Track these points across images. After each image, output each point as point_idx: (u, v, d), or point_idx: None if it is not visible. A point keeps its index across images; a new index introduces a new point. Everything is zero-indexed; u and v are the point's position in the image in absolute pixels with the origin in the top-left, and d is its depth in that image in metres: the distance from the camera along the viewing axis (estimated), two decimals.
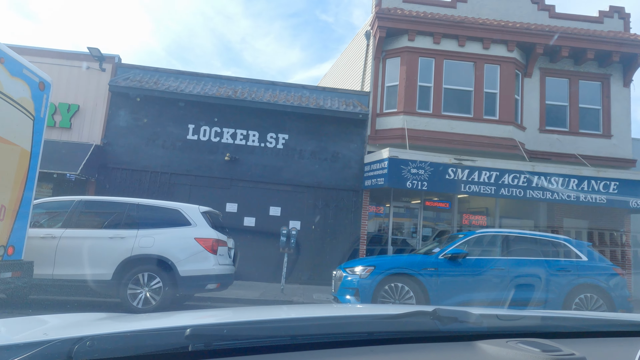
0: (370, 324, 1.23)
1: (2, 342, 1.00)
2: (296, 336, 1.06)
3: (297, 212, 11.74)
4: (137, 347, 0.93)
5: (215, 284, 6.90)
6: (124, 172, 11.36)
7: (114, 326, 1.32)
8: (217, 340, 0.97)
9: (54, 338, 0.94)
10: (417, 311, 1.28)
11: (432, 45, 12.08)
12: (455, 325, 1.20)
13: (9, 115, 4.89)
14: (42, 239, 6.44)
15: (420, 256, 7.27)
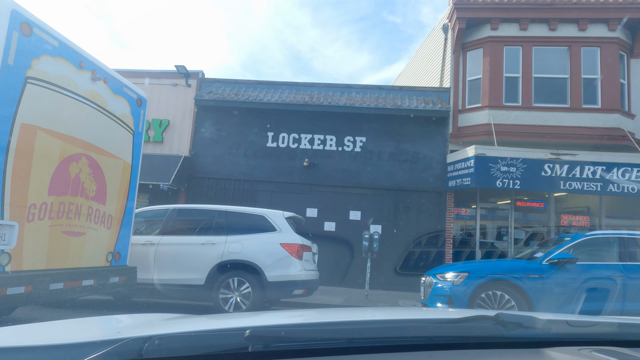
0: (429, 328, 1.19)
1: (80, 339, 1.06)
2: (353, 339, 1.06)
3: (377, 215, 11.45)
4: (201, 347, 0.97)
5: (302, 289, 6.86)
6: (210, 180, 11.91)
7: (180, 326, 1.36)
8: (275, 341, 0.98)
9: (127, 337, 0.99)
10: (478, 315, 1.24)
11: (519, 33, 11.16)
12: (521, 331, 1.14)
13: (113, 131, 5.26)
14: (143, 245, 6.88)
15: (521, 261, 6.62)
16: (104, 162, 5.13)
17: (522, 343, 1.14)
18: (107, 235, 5.27)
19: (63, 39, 4.41)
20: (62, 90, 4.40)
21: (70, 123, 4.53)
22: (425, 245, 11.21)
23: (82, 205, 4.79)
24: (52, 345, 1.03)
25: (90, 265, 4.91)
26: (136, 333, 1.08)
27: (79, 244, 4.77)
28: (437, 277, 6.70)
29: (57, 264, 4.39)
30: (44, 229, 4.24)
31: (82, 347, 0.98)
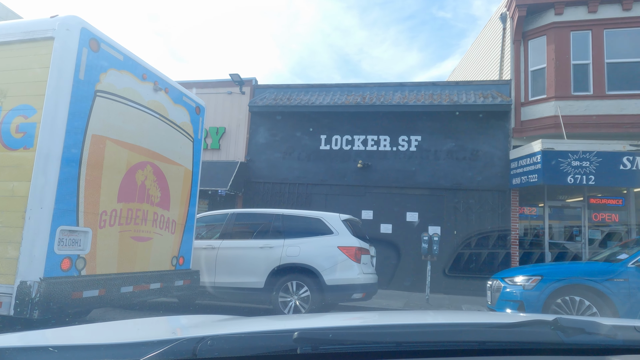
0: (482, 333, 1.15)
1: (138, 339, 1.11)
2: (402, 343, 1.04)
3: (435, 216, 11.04)
4: (251, 348, 0.99)
5: (361, 293, 6.72)
6: (266, 185, 12.09)
7: (232, 327, 1.39)
8: (322, 344, 0.99)
9: (181, 337, 1.04)
10: (535, 320, 1.19)
11: (587, 16, 10.32)
12: (583, 337, 1.08)
13: (174, 139, 5.44)
14: (204, 249, 7.06)
15: (601, 264, 6.04)
16: (167, 170, 5.32)
17: (584, 350, 1.08)
18: (171, 240, 5.45)
19: (127, 53, 4.62)
20: (128, 102, 4.60)
21: (135, 132, 4.73)
22: (489, 247, 10.64)
23: (148, 211, 4.98)
24: (113, 344, 1.09)
25: (156, 269, 5.09)
26: (190, 333, 1.14)
27: (146, 249, 4.96)
28: (505, 281, 6.28)
29: (126, 268, 4.59)
30: (115, 235, 4.44)
31: (140, 347, 1.02)
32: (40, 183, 3.68)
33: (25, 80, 3.93)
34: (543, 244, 10.77)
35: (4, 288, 3.56)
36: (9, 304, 3.50)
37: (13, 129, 3.87)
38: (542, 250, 10.67)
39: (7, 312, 3.50)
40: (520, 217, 10.90)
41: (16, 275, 3.55)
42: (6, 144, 3.87)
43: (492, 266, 10.21)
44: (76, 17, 4.00)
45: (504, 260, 10.30)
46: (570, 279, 5.73)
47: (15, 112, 3.89)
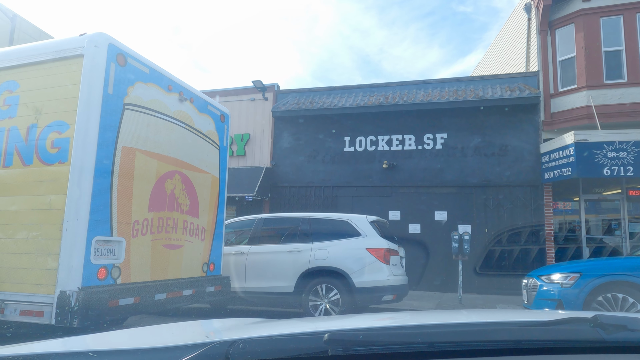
0: (517, 332, 1.12)
1: (173, 343, 1.13)
2: (434, 343, 1.03)
3: (465, 214, 10.81)
4: (282, 350, 1.00)
5: (392, 295, 6.64)
6: (292, 189, 12.14)
7: (263, 330, 1.40)
8: (353, 345, 0.99)
9: (214, 340, 1.06)
10: (573, 317, 1.17)
11: (617, 0, 9.90)
12: (625, 334, 1.04)
13: (201, 147, 5.54)
14: (234, 255, 7.15)
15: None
16: (195, 178, 5.41)
17: (626, 348, 1.05)
18: (201, 247, 5.54)
19: (153, 65, 4.73)
20: (155, 113, 4.71)
21: (163, 143, 4.83)
22: (522, 244, 10.33)
23: (178, 219, 5.07)
24: (149, 348, 1.12)
25: (188, 276, 5.18)
26: (223, 337, 1.17)
27: (178, 256, 5.05)
28: (541, 279, 6.07)
29: (160, 275, 4.69)
30: (147, 243, 4.55)
31: (175, 350, 1.05)
32: (75, 196, 3.81)
33: (58, 97, 4.09)
34: (580, 239, 10.37)
35: (45, 298, 3.70)
36: (50, 314, 3.63)
37: (48, 144, 4.02)
38: (579, 246, 10.27)
39: (49, 321, 3.64)
40: (555, 212, 10.54)
41: (56, 286, 3.69)
42: (42, 159, 4.02)
43: (526, 264, 9.90)
44: (103, 33, 4.13)
45: (538, 257, 9.97)
46: (611, 275, 5.48)
47: (50, 128, 4.04)
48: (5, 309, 3.80)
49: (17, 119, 4.21)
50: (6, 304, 3.81)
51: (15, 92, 4.28)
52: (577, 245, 10.37)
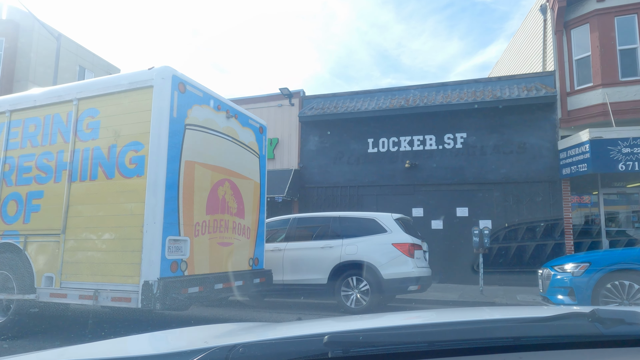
0: (516, 329, 1.12)
1: (172, 349, 1.16)
2: (434, 342, 1.03)
3: (485, 210, 11.32)
4: (282, 354, 0.99)
5: (416, 285, 7.29)
6: (319, 189, 12.89)
7: (263, 334, 1.41)
8: (353, 346, 0.99)
9: (213, 345, 1.05)
10: (571, 312, 1.18)
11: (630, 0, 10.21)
12: (623, 328, 1.05)
13: (245, 157, 6.33)
14: (272, 251, 7.93)
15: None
16: (241, 184, 6.21)
17: (625, 342, 1.05)
18: (247, 244, 6.33)
19: (205, 89, 5.53)
20: (208, 130, 5.52)
21: (215, 155, 5.63)
22: (541, 238, 10.77)
23: (229, 220, 5.88)
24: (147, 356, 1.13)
25: (238, 270, 5.97)
26: (222, 342, 1.14)
27: (229, 252, 5.86)
28: (555, 269, 6.61)
29: (216, 268, 5.50)
30: (206, 242, 5.36)
31: (174, 357, 1.06)
32: (152, 203, 4.64)
33: (133, 121, 4.93)
34: (599, 232, 10.74)
35: (132, 287, 4.54)
36: (137, 299, 4.47)
37: (127, 161, 4.87)
38: (599, 239, 10.64)
39: (136, 305, 4.47)
40: (574, 206, 10.93)
41: (140, 277, 4.52)
42: (123, 173, 4.87)
43: (545, 256, 10.35)
44: (168, 67, 4.95)
45: (558, 250, 10.41)
46: (618, 264, 5.99)
47: (128, 147, 4.89)
48: (98, 297, 4.67)
49: (99, 140, 5.07)
50: (99, 292, 4.68)
51: (96, 118, 5.15)
52: (597, 238, 10.74)
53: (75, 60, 22.23)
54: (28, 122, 5.56)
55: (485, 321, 1.40)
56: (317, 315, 6.97)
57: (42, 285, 5.04)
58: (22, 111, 5.64)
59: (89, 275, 4.82)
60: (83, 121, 5.20)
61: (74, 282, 4.88)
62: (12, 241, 5.34)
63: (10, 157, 5.60)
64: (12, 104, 5.76)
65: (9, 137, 5.65)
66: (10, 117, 5.68)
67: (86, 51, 23.57)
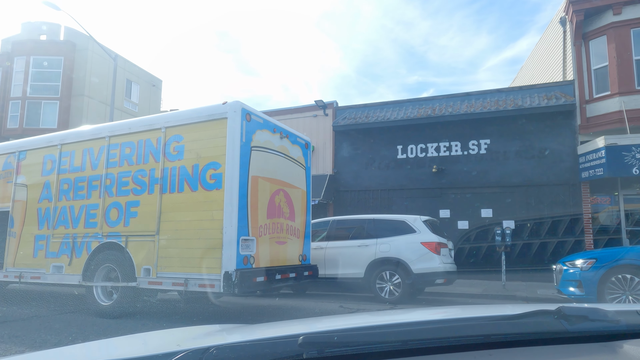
0: (486, 326, 1.16)
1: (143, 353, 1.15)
2: (407, 341, 1.04)
3: (509, 211, 12.15)
4: (257, 356, 0.99)
5: (443, 279, 8.32)
6: (352, 193, 14.02)
7: (237, 336, 1.42)
8: (328, 347, 0.99)
9: (186, 348, 1.04)
10: (538, 310, 1.21)
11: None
12: (587, 324, 1.09)
13: (294, 170, 7.54)
14: (315, 249, 9.12)
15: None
16: (292, 192, 7.42)
17: (589, 337, 1.09)
18: (297, 243, 7.54)
19: (264, 117, 6.77)
20: (267, 150, 6.75)
21: (272, 170, 6.86)
22: (561, 236, 11.53)
23: (283, 223, 7.10)
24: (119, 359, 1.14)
25: (291, 264, 7.19)
26: (195, 344, 1.13)
27: (284, 249, 7.08)
28: (566, 265, 7.51)
29: (275, 263, 6.72)
30: (267, 241, 6.59)
31: None
32: (229, 210, 5.90)
33: (211, 145, 6.20)
34: (619, 231, 11.40)
35: (215, 276, 5.81)
36: (220, 286, 5.72)
37: (208, 177, 6.15)
38: (617, 237, 11.31)
39: (219, 290, 5.73)
40: (595, 207, 11.63)
41: (221, 268, 5.78)
42: (204, 187, 6.16)
43: (565, 254, 11.10)
44: (239, 102, 6.20)
45: (577, 248, 11.15)
46: (621, 260, 6.85)
47: (208, 167, 6.17)
48: (188, 284, 5.96)
49: (184, 160, 6.39)
50: (188, 280, 5.98)
51: (181, 142, 6.47)
52: (616, 237, 11.41)
53: (124, 75, 24.17)
54: (124, 145, 6.96)
55: (457, 319, 1.45)
56: (356, 305, 8.10)
57: (141, 275, 6.40)
58: (119, 136, 7.05)
59: (179, 267, 6.14)
60: (170, 145, 6.54)
61: (167, 272, 6.21)
62: (116, 240, 6.73)
63: (111, 174, 7.01)
64: (110, 130, 7.18)
65: (108, 157, 7.07)
66: (109, 141, 7.10)
67: (132, 65, 25.53)
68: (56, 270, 7.23)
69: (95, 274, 6.78)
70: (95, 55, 22.53)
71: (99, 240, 6.87)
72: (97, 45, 17.56)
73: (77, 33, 22.78)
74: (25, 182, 8.00)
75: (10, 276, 7.80)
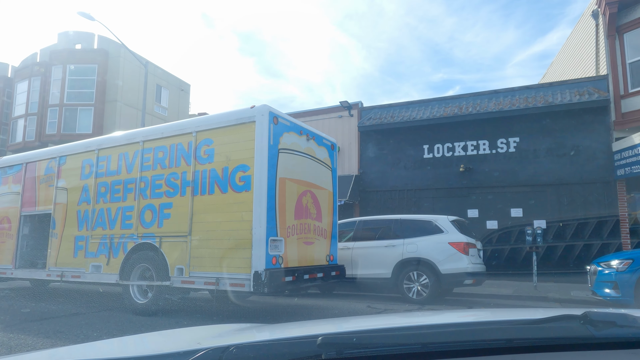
0: (509, 330, 1.13)
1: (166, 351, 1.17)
2: (427, 344, 1.03)
3: (539, 211, 11.87)
4: (276, 355, 1.00)
5: (471, 280, 8.23)
6: (377, 193, 14.01)
7: (256, 335, 1.43)
8: (347, 348, 0.99)
9: (206, 347, 1.06)
10: (563, 315, 1.17)
11: None
12: (614, 330, 1.05)
13: (321, 171, 7.64)
14: (341, 250, 9.18)
15: None
16: (318, 193, 7.51)
17: (616, 344, 1.05)
18: (325, 243, 7.63)
19: (291, 119, 6.89)
20: (294, 152, 6.87)
21: (299, 171, 6.97)
22: (596, 237, 11.18)
23: (310, 224, 7.20)
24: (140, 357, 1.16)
25: (319, 264, 7.28)
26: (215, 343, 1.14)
27: (311, 250, 7.18)
28: (601, 265, 7.30)
29: (303, 263, 6.83)
30: (295, 241, 6.71)
31: (167, 358, 1.09)
32: (258, 212, 6.05)
33: (240, 148, 6.37)
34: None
35: (245, 275, 5.96)
36: (249, 285, 5.87)
37: (237, 179, 6.32)
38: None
39: (249, 289, 5.88)
40: (631, 206, 11.21)
41: (251, 268, 5.93)
42: (234, 189, 6.33)
43: (600, 255, 10.77)
44: (266, 105, 6.35)
45: (612, 249, 10.79)
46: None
47: (237, 169, 6.34)
48: (219, 283, 6.15)
49: (214, 163, 6.58)
50: (219, 279, 6.16)
51: (211, 146, 6.67)
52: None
53: (154, 80, 24.92)
54: (157, 150, 7.23)
55: (478, 323, 1.41)
56: (383, 305, 8.12)
57: (174, 275, 6.64)
58: (152, 141, 7.32)
59: (210, 267, 6.33)
60: (201, 148, 6.75)
61: (199, 272, 6.41)
62: (150, 241, 7.00)
63: (145, 177, 7.29)
64: (144, 135, 7.47)
65: (142, 161, 7.36)
66: (143, 145, 7.39)
67: (162, 70, 26.29)
68: (95, 270, 7.57)
69: (131, 273, 7.07)
70: (126, 62, 23.33)
71: (134, 240, 7.16)
72: (129, 52, 18.20)
73: (109, 41, 23.66)
74: (66, 186, 8.41)
75: (53, 275, 8.22)
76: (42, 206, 8.77)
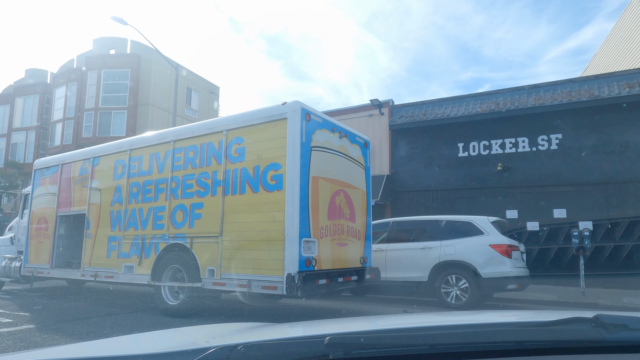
0: (519, 332, 1.14)
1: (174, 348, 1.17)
2: (435, 345, 1.02)
3: (585, 211, 11.16)
4: (283, 354, 1.01)
5: (515, 284, 7.73)
6: (410, 193, 13.58)
7: (265, 334, 1.44)
8: (354, 348, 0.99)
9: (215, 345, 1.07)
10: (574, 317, 1.16)
11: None
12: (626, 333, 1.05)
13: (354, 170, 7.35)
14: (375, 252, 8.85)
15: None
16: (352, 193, 7.23)
17: (628, 347, 1.04)
18: (358, 245, 7.33)
19: (323, 116, 6.64)
20: (327, 150, 6.61)
21: (332, 170, 6.71)
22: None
23: (344, 224, 6.92)
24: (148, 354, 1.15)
25: (353, 267, 6.99)
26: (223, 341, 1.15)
27: (345, 251, 6.90)
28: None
29: (337, 265, 6.56)
30: (328, 243, 6.45)
31: (175, 356, 1.08)
32: (290, 212, 5.82)
33: (272, 146, 6.17)
34: None
35: (277, 278, 5.75)
36: (282, 288, 5.65)
37: (269, 178, 6.12)
38: None
39: (281, 292, 5.66)
40: None
41: (284, 270, 5.71)
42: (266, 188, 6.14)
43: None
44: (298, 101, 6.12)
45: None
46: None
47: (269, 168, 6.14)
48: (251, 285, 5.95)
49: (245, 162, 6.41)
50: (251, 282, 5.97)
51: (242, 144, 6.51)
52: None
53: (184, 83, 25.28)
54: (188, 149, 7.13)
55: (487, 324, 1.41)
56: (420, 310, 7.75)
57: (205, 276, 6.50)
58: (183, 140, 7.24)
59: (242, 269, 6.15)
60: (232, 147, 6.59)
61: (230, 274, 6.25)
62: (181, 242, 6.91)
63: (176, 177, 7.21)
64: (175, 135, 7.40)
65: (173, 161, 7.28)
66: (174, 145, 7.32)
67: (192, 73, 26.65)
68: (127, 270, 7.55)
69: (162, 274, 6.99)
70: (157, 65, 23.76)
71: (165, 241, 7.09)
72: (160, 56, 18.47)
73: (141, 45, 24.16)
74: (99, 186, 8.46)
75: (87, 275, 8.28)
76: (77, 206, 8.87)
